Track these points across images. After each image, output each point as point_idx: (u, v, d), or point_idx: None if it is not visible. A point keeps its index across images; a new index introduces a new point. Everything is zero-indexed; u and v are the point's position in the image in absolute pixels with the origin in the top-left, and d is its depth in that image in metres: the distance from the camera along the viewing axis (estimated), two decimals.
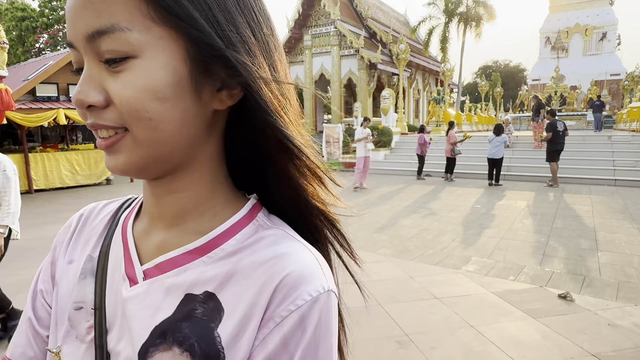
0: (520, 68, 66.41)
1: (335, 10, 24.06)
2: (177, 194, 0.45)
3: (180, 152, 0.41)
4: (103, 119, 0.39)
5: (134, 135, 0.39)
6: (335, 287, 0.43)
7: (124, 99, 0.37)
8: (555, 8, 37.14)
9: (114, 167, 0.40)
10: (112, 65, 0.37)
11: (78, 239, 0.52)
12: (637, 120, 16.04)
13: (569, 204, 7.78)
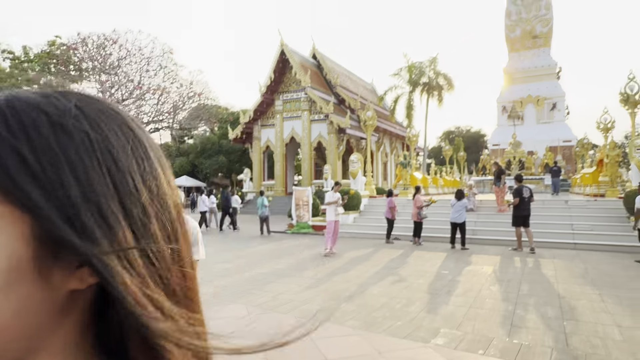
0: (480, 133, 70.39)
1: (305, 78, 25.22)
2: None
3: (11, 348, 0.32)
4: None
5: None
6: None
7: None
8: (510, 81, 40.29)
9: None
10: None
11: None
12: (590, 185, 16.97)
13: (534, 269, 7.90)
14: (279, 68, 26.83)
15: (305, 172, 26.72)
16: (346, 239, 12.59)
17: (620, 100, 12.62)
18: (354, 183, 16.18)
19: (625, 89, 12.46)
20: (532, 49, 40.04)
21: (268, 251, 10.61)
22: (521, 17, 40.16)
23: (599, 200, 13.52)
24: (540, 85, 38.97)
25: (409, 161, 18.63)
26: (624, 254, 9.45)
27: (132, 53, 17.58)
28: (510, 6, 40.53)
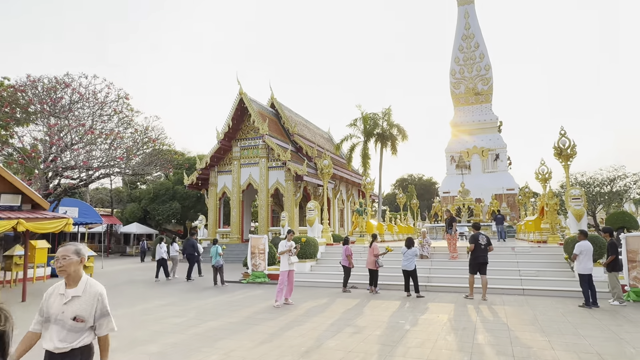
0: (432, 181, 73.39)
1: (264, 126, 25.55)
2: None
3: None
4: None
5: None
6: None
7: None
8: (456, 133, 42.93)
9: None
10: None
11: None
12: (533, 232, 17.94)
13: (486, 317, 8.06)
14: (237, 115, 27.09)
15: (262, 219, 26.40)
16: (303, 288, 12.34)
17: (554, 153, 13.74)
18: (311, 230, 16.14)
19: (558, 143, 13.62)
20: (475, 105, 43.24)
21: (221, 303, 10.16)
22: (464, 75, 43.62)
23: (542, 247, 14.27)
24: (484, 138, 41.76)
25: (365, 208, 18.96)
26: (567, 298, 9.91)
27: (86, 97, 17.17)
28: (454, 65, 44.03)
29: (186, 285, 14.08)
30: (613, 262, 9.34)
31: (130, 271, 20.27)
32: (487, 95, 43.24)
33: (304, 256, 14.36)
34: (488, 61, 43.34)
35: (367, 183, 21.18)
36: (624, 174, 40.83)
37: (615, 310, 8.66)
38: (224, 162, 28.18)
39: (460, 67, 43.85)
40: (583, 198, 12.75)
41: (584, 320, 7.67)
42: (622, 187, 41.11)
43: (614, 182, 40.03)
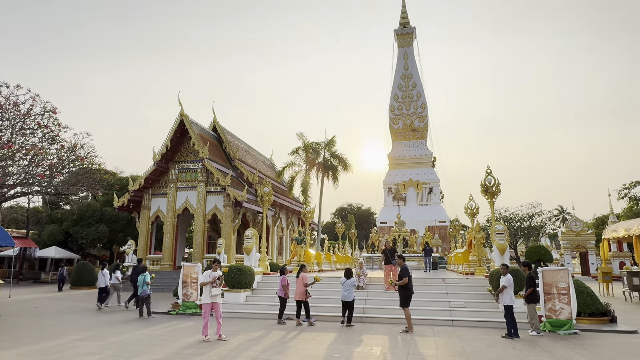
0: (370, 211, 75.23)
1: (204, 149, 24.93)
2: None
3: None
4: None
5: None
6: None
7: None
8: (393, 166, 44.76)
9: None
10: None
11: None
12: (462, 264, 18.86)
13: (418, 349, 8.21)
14: (176, 137, 26.23)
15: (198, 245, 25.32)
16: (237, 320, 11.86)
17: (481, 190, 14.73)
18: (248, 259, 15.72)
19: (485, 181, 14.64)
20: (411, 140, 45.55)
21: (146, 337, 9.43)
22: (402, 112, 46.00)
23: (470, 279, 15.00)
24: (419, 172, 43.91)
25: (304, 237, 18.91)
26: (492, 329, 10.41)
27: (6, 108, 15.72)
28: (394, 102, 46.40)
29: (109, 316, 12.96)
30: (531, 294, 10.02)
31: (41, 300, 18.32)
32: (423, 131, 45.79)
33: (238, 286, 13.89)
34: (424, 100, 46.12)
35: (307, 212, 21.25)
36: (541, 211, 44.66)
37: (533, 340, 9.22)
38: (160, 184, 26.95)
39: (399, 104, 46.22)
40: (506, 233, 13.69)
41: (506, 351, 8.06)
42: (539, 223, 44.91)
43: (532, 218, 43.64)
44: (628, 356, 7.64)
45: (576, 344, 8.82)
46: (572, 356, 7.63)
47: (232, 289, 13.72)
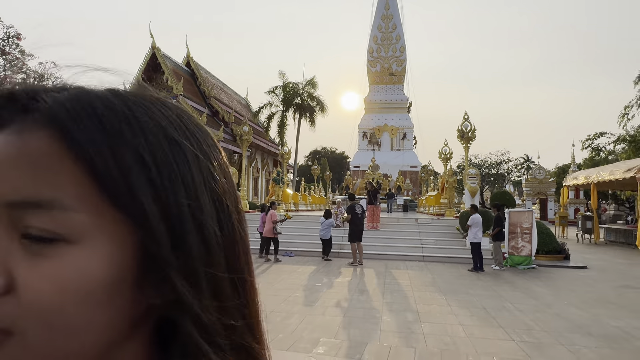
0: (344, 155, 75.90)
1: (178, 85, 24.08)
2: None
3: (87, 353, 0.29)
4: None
5: (25, 343, 0.27)
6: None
7: (37, 293, 0.27)
8: (369, 109, 44.65)
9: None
10: (34, 246, 0.27)
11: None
12: (433, 206, 19.77)
13: (393, 279, 8.87)
14: (148, 72, 25.06)
15: None
16: None
17: (458, 136, 15.16)
18: None
19: (461, 127, 15.03)
20: (389, 84, 45.17)
21: None
22: (381, 55, 45.12)
23: (440, 219, 15.85)
24: (394, 117, 44.10)
25: (282, 178, 19.14)
26: (459, 264, 11.26)
27: None
28: (372, 44, 45.28)
29: None
30: (498, 233, 10.80)
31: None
32: (400, 76, 45.37)
33: None
34: (403, 43, 45.23)
35: (285, 153, 21.32)
36: (508, 159, 46.36)
37: (496, 273, 10.09)
38: None
39: (378, 46, 45.19)
40: (478, 177, 14.36)
41: (473, 282, 8.84)
42: (506, 170, 46.85)
43: (499, 165, 45.39)
44: (576, 286, 8.55)
45: (533, 276, 9.74)
46: (529, 286, 8.47)
47: None
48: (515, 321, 5.75)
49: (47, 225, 0.27)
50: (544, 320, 5.82)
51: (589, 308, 6.63)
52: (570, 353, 4.54)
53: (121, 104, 0.30)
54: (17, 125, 0.29)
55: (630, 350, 4.66)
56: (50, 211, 0.27)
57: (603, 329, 5.47)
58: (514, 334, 5.18)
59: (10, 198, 0.27)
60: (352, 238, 10.90)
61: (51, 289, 0.27)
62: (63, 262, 0.27)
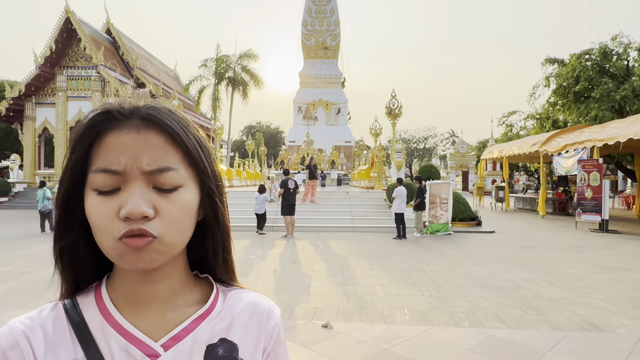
0: (279, 130, 75.50)
1: (98, 54, 22.38)
2: (169, 279, 0.59)
3: (182, 244, 0.58)
4: (149, 227, 0.52)
5: (163, 240, 0.53)
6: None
7: (173, 214, 0.54)
8: (304, 84, 44.64)
9: (143, 263, 0.53)
10: (164, 191, 0.54)
11: (43, 354, 0.54)
12: (364, 179, 20.70)
13: (324, 249, 9.40)
14: (62, 38, 22.93)
15: None
16: None
17: (386, 112, 15.92)
18: None
19: (389, 104, 15.79)
20: (323, 59, 45.30)
21: None
22: (315, 28, 44.91)
23: (370, 192, 16.73)
24: (329, 92, 44.54)
25: (215, 153, 18.87)
26: (386, 233, 12.12)
27: None
28: (307, 17, 44.87)
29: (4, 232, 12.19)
30: (420, 203, 11.74)
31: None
32: (335, 51, 45.62)
33: None
34: (337, 17, 45.33)
35: (217, 128, 20.93)
36: (434, 134, 49.09)
37: (417, 240, 11.04)
38: (45, 92, 23.93)
39: (312, 20, 44.88)
40: (404, 152, 15.27)
41: (396, 248, 9.64)
42: (433, 145, 49.68)
43: (427, 140, 47.98)
44: (483, 248, 9.68)
45: (449, 241, 10.81)
46: (444, 250, 9.44)
47: None
48: (427, 280, 6.50)
49: (169, 180, 0.54)
50: (452, 278, 6.63)
51: (490, 265, 7.62)
52: (469, 302, 5.30)
53: (181, 115, 0.59)
54: (144, 127, 0.55)
55: (515, 297, 5.53)
56: (171, 172, 0.54)
57: (498, 282, 6.38)
58: (425, 290, 5.88)
59: (146, 168, 0.53)
60: (285, 212, 11.26)
61: (177, 210, 0.54)
62: (180, 196, 0.55)
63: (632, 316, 4.78)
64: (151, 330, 0.57)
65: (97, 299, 0.60)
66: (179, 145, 0.55)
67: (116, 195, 0.53)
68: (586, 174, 13.07)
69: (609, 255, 8.78)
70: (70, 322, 0.57)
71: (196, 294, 0.64)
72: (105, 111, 0.55)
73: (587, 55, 19.50)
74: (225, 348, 0.59)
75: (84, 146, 0.54)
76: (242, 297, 0.66)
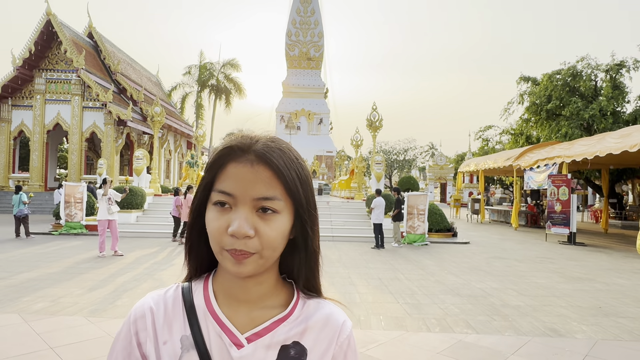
0: None
1: (79, 58, 22.16)
2: (261, 284, 0.73)
3: (273, 262, 0.71)
4: (248, 246, 0.65)
5: (262, 256, 0.66)
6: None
7: (269, 236, 0.66)
8: (287, 94, 44.90)
9: (242, 272, 0.67)
10: (265, 214, 0.66)
11: (161, 326, 0.72)
12: (345, 190, 20.98)
13: None
14: (42, 40, 22.63)
15: (74, 165, 23.33)
16: (129, 239, 11.98)
17: (367, 125, 16.29)
18: (138, 181, 15.38)
19: (370, 116, 16.17)
20: (306, 69, 45.71)
21: (32, 255, 9.17)
22: (299, 39, 45.38)
23: (350, 202, 17.00)
24: (311, 102, 44.94)
25: (197, 161, 18.87)
26: (364, 243, 12.37)
27: None
28: (291, 27, 45.32)
29: None
30: (397, 214, 12.05)
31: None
32: (318, 62, 46.13)
33: (129, 206, 13.74)
34: (322, 29, 45.92)
35: (200, 135, 20.93)
36: (414, 146, 50.00)
37: (394, 250, 11.32)
38: (22, 94, 23.48)
39: (297, 30, 45.33)
40: (383, 163, 15.63)
41: (373, 257, 9.89)
42: (412, 157, 50.55)
43: (407, 152, 48.80)
44: (458, 258, 10.02)
45: (425, 251, 11.13)
46: (420, 260, 9.73)
47: (122, 209, 13.50)
48: (403, 288, 6.75)
49: (272, 206, 0.66)
50: (426, 286, 6.90)
51: (463, 275, 7.94)
52: (441, 309, 5.56)
53: (289, 153, 0.71)
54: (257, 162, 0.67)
55: (484, 305, 5.82)
56: (272, 200, 0.66)
57: (470, 290, 6.68)
58: (400, 298, 6.13)
59: (257, 195, 0.65)
60: None
61: (273, 233, 0.66)
62: (276, 221, 0.67)
63: (590, 323, 5.13)
64: (240, 324, 0.71)
65: (204, 288, 0.75)
66: (281, 181, 0.67)
67: (227, 212, 0.67)
68: (556, 189, 13.67)
69: (575, 266, 9.23)
70: (185, 304, 0.73)
71: (280, 298, 0.75)
72: (229, 147, 0.70)
73: (558, 75, 20.43)
74: (296, 350, 0.70)
75: (213, 171, 0.70)
76: (319, 307, 0.77)
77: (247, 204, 0.66)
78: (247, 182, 0.66)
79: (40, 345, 4.05)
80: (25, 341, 4.16)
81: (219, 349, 0.69)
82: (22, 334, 4.36)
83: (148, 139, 26.26)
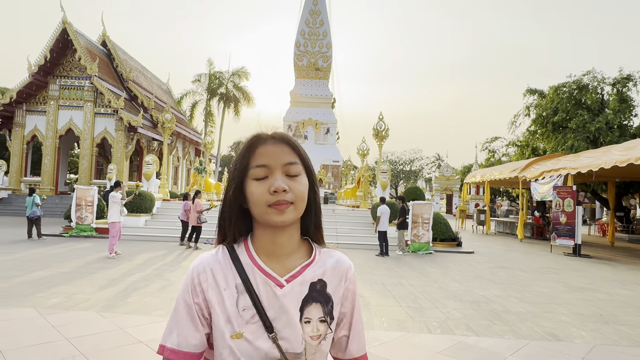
0: None
1: (93, 65, 22.68)
2: (291, 239, 0.96)
3: (302, 212, 0.95)
4: (286, 197, 0.89)
5: (296, 206, 0.91)
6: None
7: (298, 189, 0.91)
8: (294, 103, 45.31)
9: (283, 221, 0.90)
10: (292, 177, 0.92)
11: (220, 277, 0.94)
12: (350, 198, 21.11)
13: None
14: (58, 48, 23.22)
15: (85, 170, 23.73)
16: (138, 242, 12.21)
17: (373, 134, 16.48)
18: (147, 186, 15.66)
19: (376, 126, 16.37)
20: (314, 79, 46.15)
21: (45, 255, 9.40)
22: (307, 49, 45.92)
23: (356, 210, 17.13)
24: (319, 111, 45.29)
25: (205, 167, 19.14)
26: (369, 250, 12.48)
27: None
28: (300, 38, 45.90)
29: None
30: (402, 222, 12.16)
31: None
32: (326, 72, 46.58)
33: (138, 210, 13.99)
34: (330, 40, 46.46)
35: (208, 142, 21.25)
36: (421, 157, 50.05)
37: (399, 258, 11.42)
38: (37, 100, 24.03)
39: (305, 41, 45.88)
40: (389, 173, 15.78)
41: (378, 264, 10.00)
42: (419, 167, 50.59)
43: (413, 163, 48.87)
44: (462, 267, 10.10)
45: (429, 260, 11.22)
46: (424, 267, 9.83)
47: (131, 213, 13.78)
48: (406, 293, 6.86)
49: (294, 171, 0.93)
50: (429, 292, 7.01)
51: (466, 282, 8.03)
52: (442, 313, 5.67)
53: (294, 138, 1.00)
54: (279, 142, 0.95)
55: (486, 310, 5.92)
56: (295, 165, 0.94)
57: (472, 296, 6.78)
58: (403, 302, 6.24)
59: (285, 162, 0.93)
60: None
61: (300, 187, 0.93)
62: (300, 180, 0.94)
63: (590, 329, 5.21)
64: (278, 271, 0.95)
65: (245, 248, 0.98)
66: (297, 153, 0.95)
67: (265, 181, 0.91)
68: (561, 200, 13.71)
69: (578, 277, 9.28)
70: (232, 259, 0.95)
71: (302, 250, 1.00)
72: (256, 135, 0.96)
73: (564, 87, 20.54)
74: (321, 285, 0.97)
75: (247, 155, 0.94)
76: (330, 254, 1.03)
77: (278, 169, 0.91)
78: (276, 154, 0.92)
79: (56, 337, 4.23)
80: (41, 333, 4.35)
81: (265, 291, 0.92)
82: (38, 327, 4.55)
83: (157, 146, 26.66)
